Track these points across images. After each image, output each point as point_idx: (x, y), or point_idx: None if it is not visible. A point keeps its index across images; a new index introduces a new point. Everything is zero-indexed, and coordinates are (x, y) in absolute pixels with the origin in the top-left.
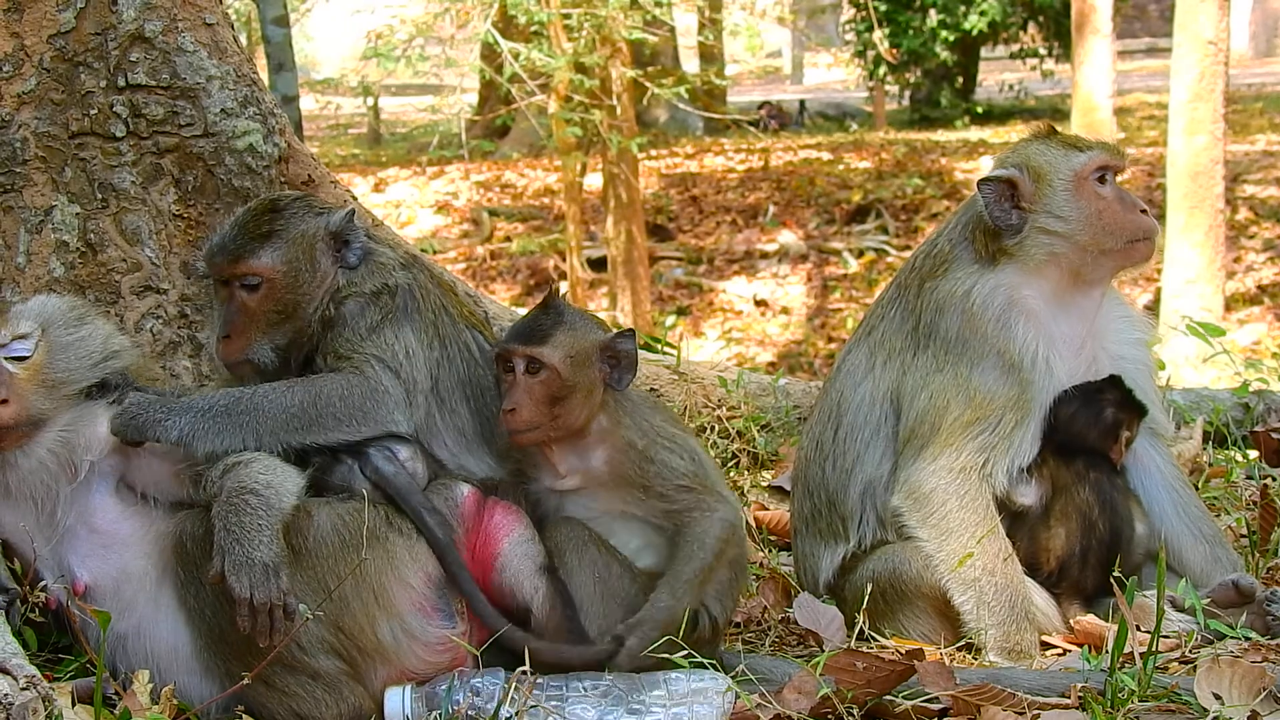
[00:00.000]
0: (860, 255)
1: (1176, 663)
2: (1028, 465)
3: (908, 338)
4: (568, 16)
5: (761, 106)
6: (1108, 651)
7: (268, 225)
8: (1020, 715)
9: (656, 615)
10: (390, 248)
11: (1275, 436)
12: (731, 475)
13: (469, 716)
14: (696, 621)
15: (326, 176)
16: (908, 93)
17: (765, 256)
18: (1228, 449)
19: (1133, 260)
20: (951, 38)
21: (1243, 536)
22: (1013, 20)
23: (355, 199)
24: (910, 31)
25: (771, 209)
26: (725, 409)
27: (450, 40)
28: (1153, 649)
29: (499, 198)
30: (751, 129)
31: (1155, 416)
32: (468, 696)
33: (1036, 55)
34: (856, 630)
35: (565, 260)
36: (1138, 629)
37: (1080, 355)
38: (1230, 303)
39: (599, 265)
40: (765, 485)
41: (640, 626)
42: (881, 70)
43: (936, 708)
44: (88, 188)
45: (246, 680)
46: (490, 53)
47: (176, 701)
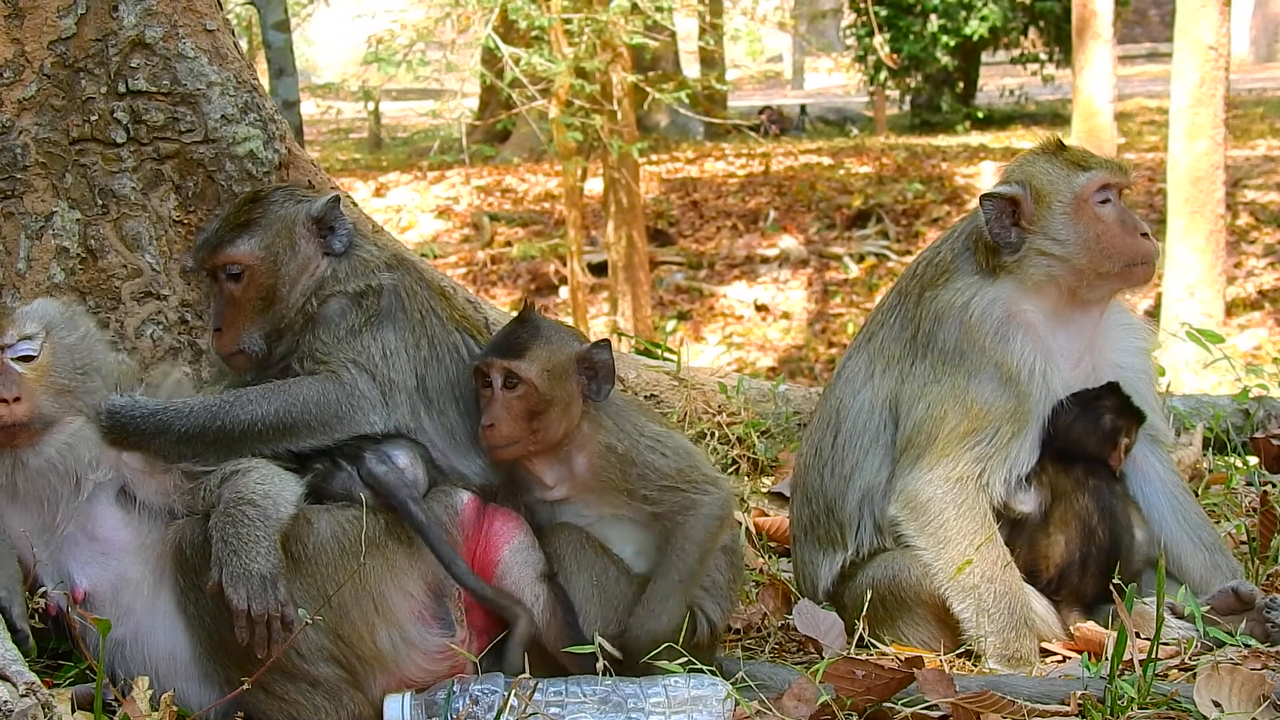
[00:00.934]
0: (861, 260)
1: (1176, 670)
2: (1026, 473)
3: (906, 346)
4: (568, 21)
5: (762, 111)
6: (1107, 658)
7: (247, 215)
8: None
9: (641, 636)
10: (376, 247)
11: (1275, 443)
12: (731, 481)
13: None
14: (694, 627)
15: (327, 182)
16: (908, 98)
17: (766, 261)
18: (1228, 455)
19: (1130, 283)
20: (952, 43)
21: (1242, 543)
22: (1013, 25)
23: (356, 204)
24: (911, 36)
25: (772, 214)
26: (725, 415)
27: (451, 45)
28: (1152, 656)
29: (500, 202)
30: (752, 134)
31: (1154, 423)
32: (467, 704)
33: (1037, 60)
34: (856, 637)
35: (566, 265)
36: (1137, 636)
37: (1078, 368)
38: (1231, 308)
39: (600, 270)
40: (765, 491)
41: (628, 644)
42: (882, 75)
43: (936, 715)
44: (88, 194)
45: (245, 686)
46: (491, 57)
47: (176, 708)
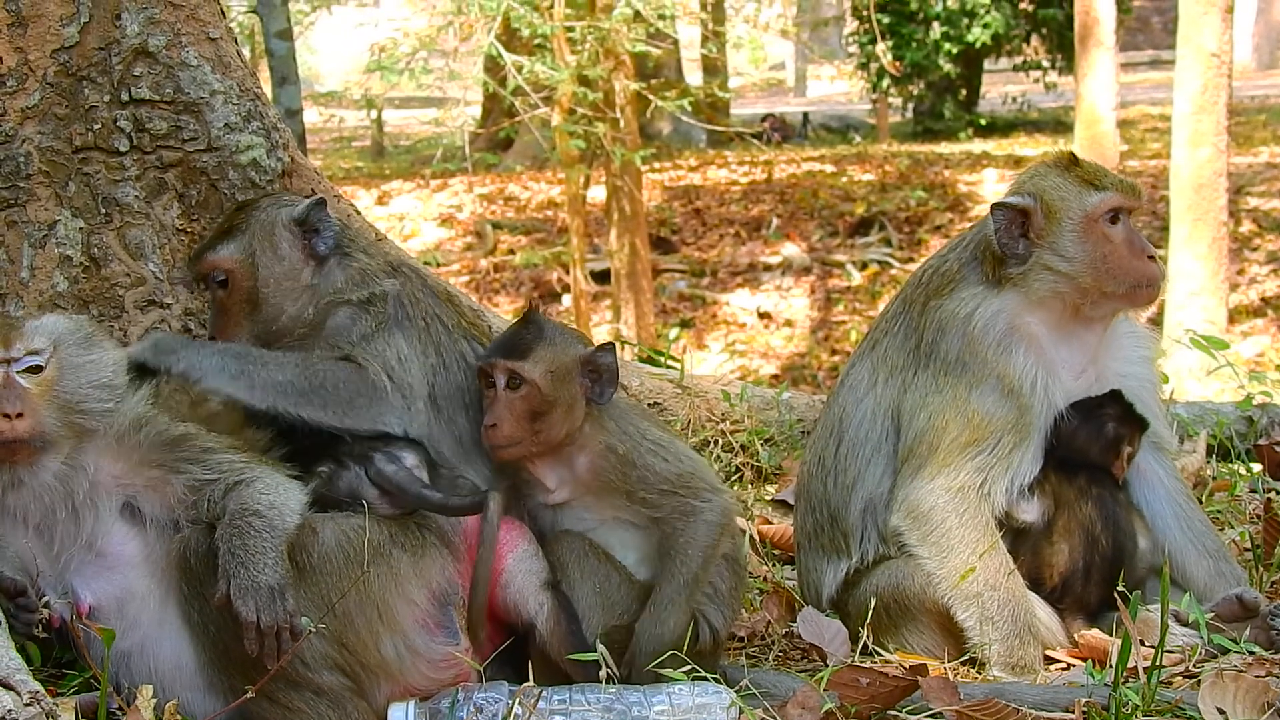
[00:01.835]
0: (863, 268)
1: (1180, 677)
2: (1029, 482)
3: (909, 355)
4: (571, 29)
5: (765, 119)
6: (1112, 666)
7: (231, 222)
8: None
9: (647, 643)
10: (368, 255)
11: (1279, 449)
12: (735, 489)
13: None
14: (697, 634)
15: (330, 190)
16: (911, 105)
17: (769, 269)
18: (1231, 462)
19: (1134, 304)
20: (954, 50)
21: (1246, 550)
22: (1016, 33)
23: (358, 212)
24: (913, 44)
25: (775, 221)
26: (729, 423)
27: (454, 53)
28: (1157, 663)
29: (502, 210)
30: (755, 141)
31: (1158, 430)
32: (471, 712)
33: (1040, 68)
34: (860, 645)
35: (568, 273)
36: (1141, 643)
37: (1080, 379)
38: (1234, 315)
39: (602, 278)
40: (769, 499)
41: (634, 651)
42: (885, 83)
43: None
44: (91, 202)
45: (249, 695)
46: (494, 65)
47: (180, 717)
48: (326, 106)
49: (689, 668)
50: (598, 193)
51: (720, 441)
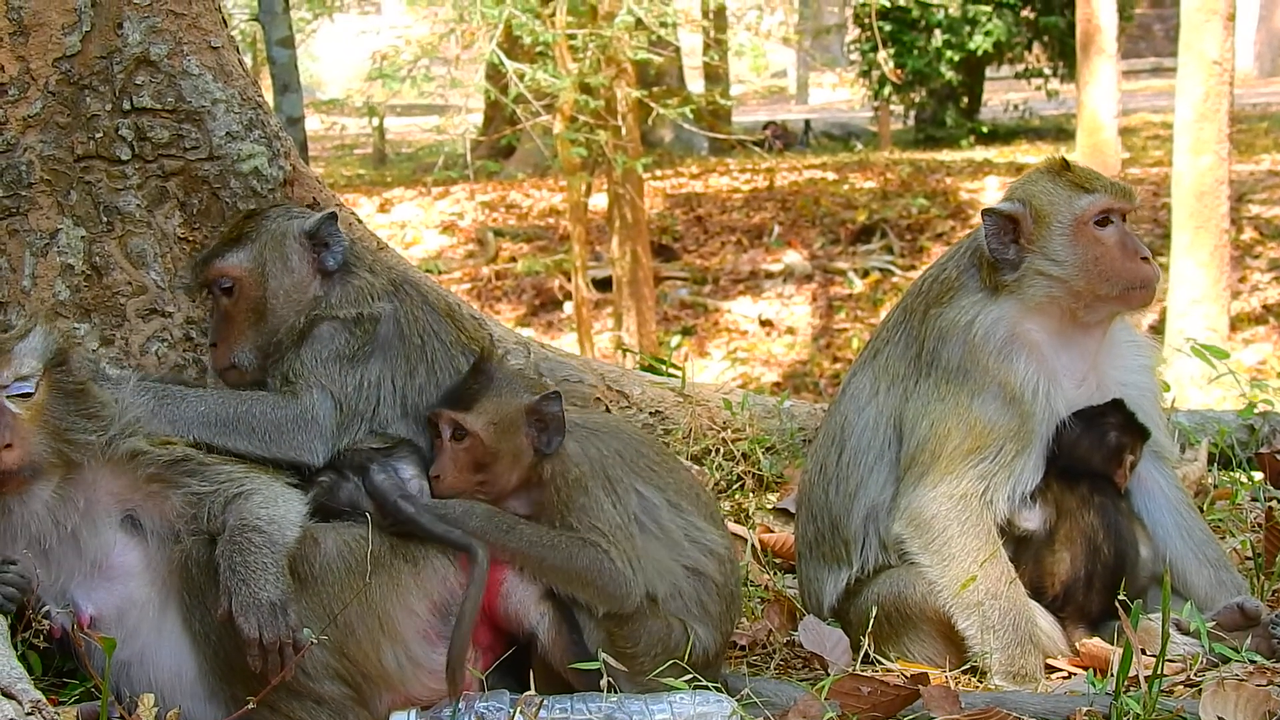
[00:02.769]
0: (865, 275)
1: (1182, 686)
2: (1031, 491)
3: (911, 364)
4: (573, 37)
5: (766, 126)
6: (1113, 675)
7: (240, 230)
8: None
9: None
10: (375, 274)
11: None
12: (736, 498)
13: None
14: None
15: (332, 199)
16: (913, 112)
17: (770, 276)
18: (1233, 471)
19: (1129, 306)
20: (956, 58)
21: (1248, 559)
22: (1018, 40)
23: (360, 220)
24: (915, 51)
25: (776, 229)
26: (730, 431)
27: (455, 61)
28: (1158, 672)
29: (504, 218)
30: (756, 149)
31: (1159, 439)
32: None
33: (1041, 75)
34: (861, 654)
35: (570, 280)
36: (1143, 652)
37: (1082, 387)
38: (1235, 323)
39: (604, 285)
40: (770, 508)
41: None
42: (886, 90)
43: None
44: (93, 211)
45: (251, 705)
46: (495, 73)
47: None
48: (328, 114)
49: (690, 676)
50: (599, 200)
51: (722, 450)
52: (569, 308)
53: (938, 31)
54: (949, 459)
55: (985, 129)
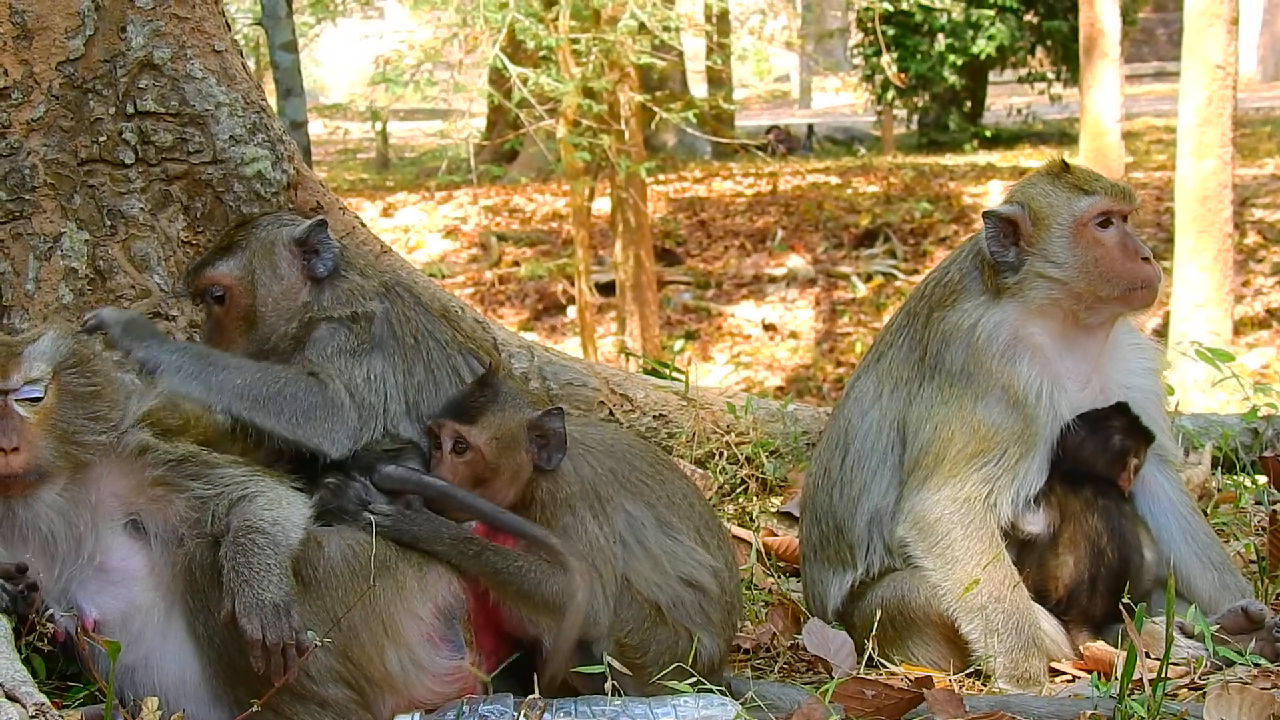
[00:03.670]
0: (868, 279)
1: (1186, 689)
2: (1035, 494)
3: (914, 367)
4: (576, 41)
5: (769, 131)
6: (1117, 678)
7: (230, 239)
8: None
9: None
10: (366, 277)
11: None
12: (740, 501)
13: None
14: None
15: (335, 203)
16: (916, 117)
17: (773, 281)
18: (1237, 474)
19: (1131, 307)
20: (959, 62)
21: (1252, 562)
22: (1021, 45)
23: (364, 224)
24: (918, 56)
25: (780, 233)
26: (734, 434)
27: (459, 65)
28: (1162, 675)
29: (507, 222)
30: (760, 153)
31: (1163, 443)
32: None
33: (1045, 79)
34: (865, 657)
35: (573, 285)
36: (1147, 655)
37: (1086, 390)
38: (1239, 327)
39: (607, 290)
40: (774, 511)
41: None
42: (889, 94)
43: None
44: (96, 215)
45: (255, 708)
46: (498, 77)
47: None
48: (332, 119)
49: (694, 679)
50: (603, 205)
51: (725, 453)
52: (572, 312)
53: (941, 36)
54: (953, 462)
55: (988, 133)
